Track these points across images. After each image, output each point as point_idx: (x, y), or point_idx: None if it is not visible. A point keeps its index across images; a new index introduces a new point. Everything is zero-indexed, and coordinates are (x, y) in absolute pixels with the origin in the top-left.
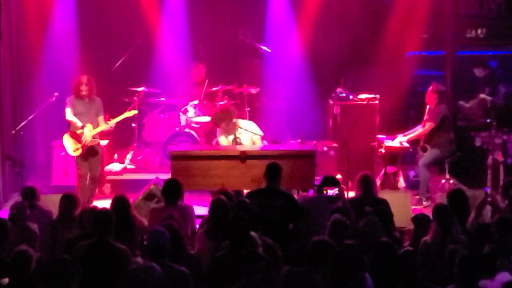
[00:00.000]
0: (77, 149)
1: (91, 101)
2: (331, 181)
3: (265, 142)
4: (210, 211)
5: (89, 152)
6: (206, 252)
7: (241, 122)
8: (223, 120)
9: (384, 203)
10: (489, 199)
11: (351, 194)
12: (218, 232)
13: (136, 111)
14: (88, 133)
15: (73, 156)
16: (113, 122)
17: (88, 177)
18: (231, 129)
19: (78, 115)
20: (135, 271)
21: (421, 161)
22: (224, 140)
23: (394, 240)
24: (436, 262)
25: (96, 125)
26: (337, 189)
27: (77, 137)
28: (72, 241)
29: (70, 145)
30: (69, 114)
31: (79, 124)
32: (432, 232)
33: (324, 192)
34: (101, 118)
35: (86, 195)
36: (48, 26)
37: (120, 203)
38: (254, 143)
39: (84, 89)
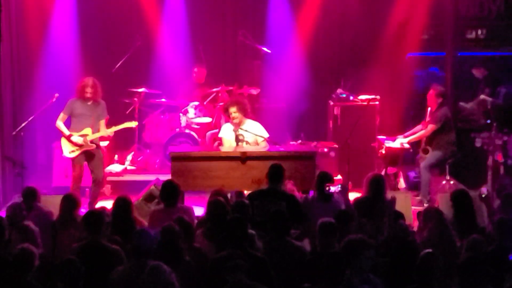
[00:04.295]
0: (73, 151)
1: (95, 105)
2: (329, 177)
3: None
4: (207, 212)
5: (88, 155)
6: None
7: (248, 123)
8: (237, 105)
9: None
10: (483, 195)
11: (351, 194)
12: (217, 233)
13: (136, 123)
14: (86, 137)
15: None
16: (112, 130)
17: (91, 180)
18: (236, 119)
19: (78, 116)
20: (126, 270)
21: (423, 163)
22: (227, 130)
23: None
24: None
25: (96, 129)
26: (339, 186)
27: (74, 139)
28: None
29: (66, 147)
30: (58, 121)
31: (66, 132)
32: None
33: (327, 188)
34: (102, 122)
35: (91, 196)
36: (48, 27)
37: (122, 204)
38: (257, 144)
39: (89, 91)
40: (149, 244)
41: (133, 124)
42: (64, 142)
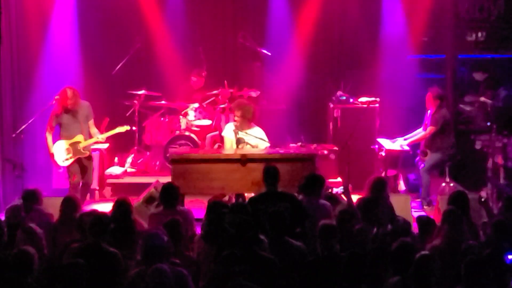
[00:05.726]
0: (67, 159)
1: (77, 110)
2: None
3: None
4: (206, 215)
5: (81, 164)
6: (204, 256)
7: (252, 129)
8: (241, 110)
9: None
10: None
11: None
12: (216, 236)
13: (128, 127)
14: (79, 145)
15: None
16: (104, 136)
17: (81, 183)
18: (241, 122)
19: (66, 125)
20: (140, 274)
21: (423, 166)
22: (231, 129)
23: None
24: (448, 265)
25: (86, 132)
26: (342, 187)
27: (67, 147)
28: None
29: (59, 155)
30: (48, 134)
31: (51, 150)
32: (442, 237)
33: (330, 190)
34: (91, 123)
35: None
36: (48, 28)
37: (122, 206)
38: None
39: (69, 103)
40: (161, 247)
41: (124, 128)
42: (56, 151)
